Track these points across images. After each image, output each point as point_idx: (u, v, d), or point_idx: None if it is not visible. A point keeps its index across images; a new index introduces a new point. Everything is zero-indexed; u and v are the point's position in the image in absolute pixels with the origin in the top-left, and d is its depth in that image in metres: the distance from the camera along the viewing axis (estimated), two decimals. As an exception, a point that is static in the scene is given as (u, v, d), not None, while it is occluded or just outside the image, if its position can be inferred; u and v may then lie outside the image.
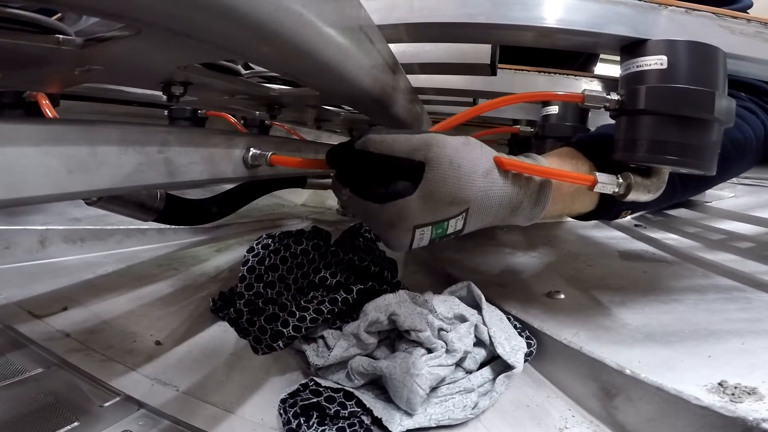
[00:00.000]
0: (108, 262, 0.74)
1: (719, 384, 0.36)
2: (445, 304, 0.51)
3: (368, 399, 0.41)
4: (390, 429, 0.38)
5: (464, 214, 0.39)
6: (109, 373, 0.45)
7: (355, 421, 0.39)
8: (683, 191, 0.54)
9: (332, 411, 0.40)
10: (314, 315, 0.47)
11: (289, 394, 0.41)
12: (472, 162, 0.38)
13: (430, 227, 0.38)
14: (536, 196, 0.42)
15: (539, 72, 0.74)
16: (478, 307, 0.52)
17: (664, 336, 0.46)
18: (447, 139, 0.38)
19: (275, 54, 0.25)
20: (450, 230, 0.40)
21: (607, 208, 0.49)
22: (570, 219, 0.51)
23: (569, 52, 1.01)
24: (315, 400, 0.40)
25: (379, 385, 0.44)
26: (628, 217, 0.80)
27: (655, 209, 1.05)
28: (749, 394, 0.35)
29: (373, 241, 0.63)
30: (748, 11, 0.60)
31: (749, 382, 0.36)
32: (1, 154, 0.21)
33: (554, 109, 0.82)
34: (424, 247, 0.41)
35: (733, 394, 0.35)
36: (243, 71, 0.45)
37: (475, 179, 0.38)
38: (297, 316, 0.46)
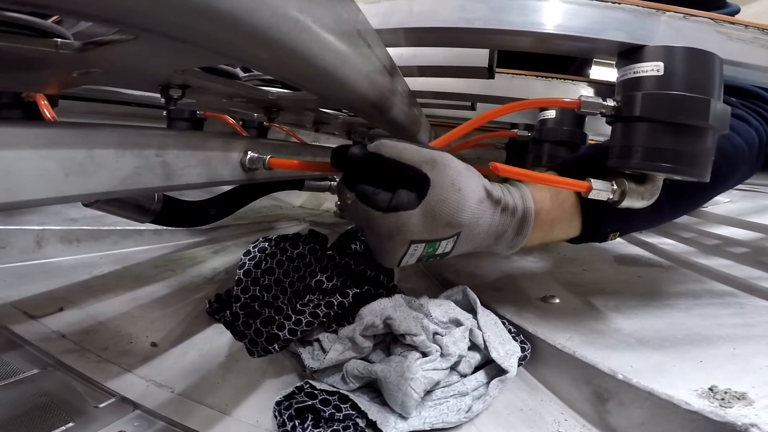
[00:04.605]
0: (104, 263, 0.74)
1: (710, 389, 0.37)
2: (441, 308, 0.51)
3: (363, 402, 0.41)
4: (384, 432, 0.39)
5: (455, 238, 0.40)
6: (104, 374, 0.45)
7: (350, 424, 0.40)
8: (672, 211, 0.53)
9: (327, 414, 0.40)
10: (310, 318, 0.47)
11: (284, 397, 0.41)
12: (470, 188, 0.39)
13: (423, 245, 0.39)
14: (519, 225, 0.44)
15: (537, 76, 0.74)
16: (473, 311, 0.52)
17: (657, 341, 0.47)
18: (453, 160, 0.39)
19: (272, 59, 0.26)
20: (439, 251, 0.41)
21: (593, 233, 0.49)
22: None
23: (564, 56, 1.02)
24: (310, 402, 0.40)
25: (374, 388, 0.45)
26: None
27: (642, 229, 1.04)
28: (739, 399, 0.35)
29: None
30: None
31: (739, 387, 0.37)
32: (-2, 158, 0.21)
33: (551, 113, 0.82)
34: (419, 262, 0.42)
35: (723, 399, 0.35)
36: (241, 74, 0.45)
37: (471, 205, 0.39)
38: (293, 320, 0.47)
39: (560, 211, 0.47)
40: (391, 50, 0.44)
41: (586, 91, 0.74)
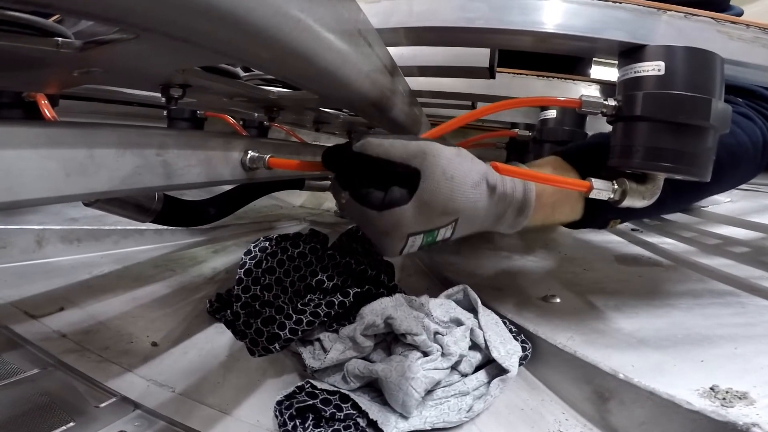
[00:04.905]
0: (105, 263, 0.74)
1: (711, 389, 0.37)
2: (442, 308, 0.51)
3: (364, 401, 0.41)
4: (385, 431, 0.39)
5: (454, 224, 0.40)
6: (105, 374, 0.45)
7: (351, 424, 0.40)
8: (675, 203, 0.53)
9: (328, 413, 0.40)
10: (311, 318, 0.47)
11: (285, 396, 0.41)
12: (463, 173, 0.38)
13: (422, 235, 0.39)
14: (519, 206, 0.44)
15: (538, 76, 0.74)
16: (474, 311, 0.52)
17: (658, 340, 0.47)
18: (442, 149, 0.38)
19: (273, 59, 0.26)
20: (439, 238, 0.41)
21: (594, 217, 0.49)
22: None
23: (568, 57, 1.02)
24: (311, 402, 0.40)
25: (375, 387, 0.45)
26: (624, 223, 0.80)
27: (644, 218, 1.04)
28: (740, 398, 0.35)
29: (371, 244, 0.63)
30: None
31: (740, 386, 0.37)
32: (-1, 157, 0.21)
33: (552, 113, 0.82)
34: (420, 250, 0.42)
35: (724, 399, 0.35)
36: (242, 74, 0.45)
37: (466, 190, 0.39)
38: (294, 319, 0.47)
39: (563, 194, 0.47)
40: (391, 50, 0.44)
41: (587, 91, 0.74)
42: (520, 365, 0.47)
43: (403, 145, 0.38)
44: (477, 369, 0.47)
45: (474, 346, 0.48)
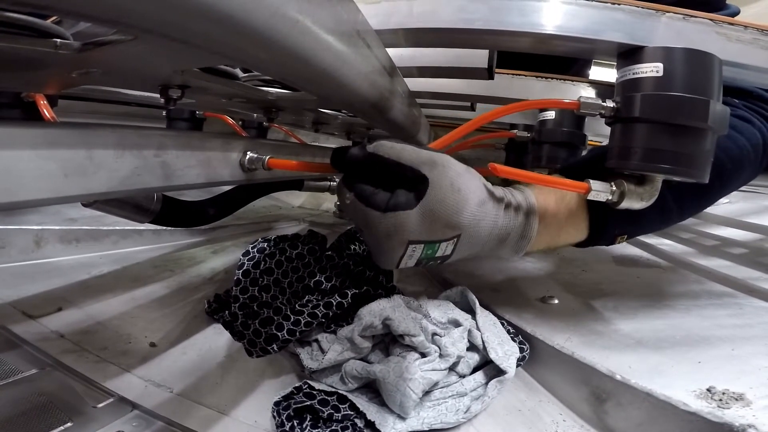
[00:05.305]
0: (103, 263, 0.74)
1: (708, 390, 0.37)
2: (439, 309, 0.51)
3: (361, 402, 0.41)
4: (382, 432, 0.39)
5: (455, 240, 0.40)
6: (103, 374, 0.45)
7: (348, 424, 0.40)
8: (680, 213, 0.52)
9: (325, 414, 0.40)
10: (309, 319, 0.47)
11: (282, 397, 0.41)
12: (469, 189, 0.39)
13: (422, 245, 0.39)
14: (523, 228, 0.44)
15: (536, 77, 0.74)
16: (472, 312, 0.52)
17: (656, 341, 0.47)
18: (452, 161, 0.39)
19: (271, 60, 0.26)
20: (439, 253, 0.41)
21: (600, 236, 0.49)
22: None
23: (564, 57, 1.02)
24: (308, 402, 0.40)
25: (372, 388, 0.45)
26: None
27: (650, 233, 1.04)
28: (736, 399, 0.35)
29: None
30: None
31: (737, 387, 0.37)
32: (-2, 158, 0.21)
33: (551, 114, 0.82)
34: (418, 266, 0.42)
35: (720, 400, 0.35)
36: (241, 75, 0.45)
37: (471, 206, 0.39)
38: (291, 320, 0.47)
39: (566, 213, 0.46)
40: (390, 51, 0.44)
41: (586, 92, 0.74)
42: (517, 366, 0.47)
43: (415, 151, 0.38)
44: (475, 370, 0.47)
45: (472, 347, 0.48)
